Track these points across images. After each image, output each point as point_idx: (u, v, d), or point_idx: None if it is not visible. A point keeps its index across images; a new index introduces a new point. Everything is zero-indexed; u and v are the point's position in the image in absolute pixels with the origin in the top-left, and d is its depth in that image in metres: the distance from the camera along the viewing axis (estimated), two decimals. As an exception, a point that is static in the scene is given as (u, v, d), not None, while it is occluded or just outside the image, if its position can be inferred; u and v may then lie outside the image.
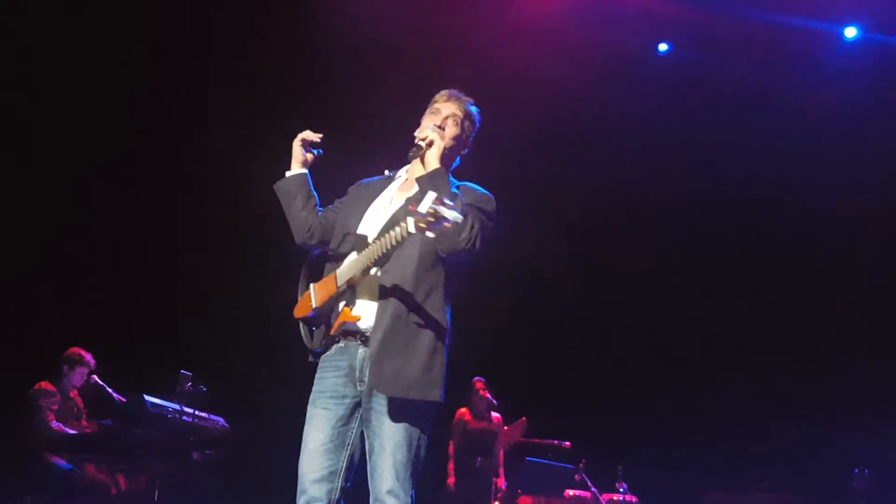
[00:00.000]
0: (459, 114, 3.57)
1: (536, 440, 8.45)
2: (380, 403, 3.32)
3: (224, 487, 7.42)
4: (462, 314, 3.76)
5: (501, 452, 8.18)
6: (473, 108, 3.63)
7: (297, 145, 3.69)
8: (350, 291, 3.36)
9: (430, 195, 2.95)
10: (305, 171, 3.70)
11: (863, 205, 8.89)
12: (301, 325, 3.56)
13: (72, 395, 7.02)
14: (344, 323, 3.37)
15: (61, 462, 6.68)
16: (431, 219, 2.90)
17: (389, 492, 3.27)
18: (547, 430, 8.46)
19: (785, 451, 8.74)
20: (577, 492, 7.96)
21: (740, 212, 9.36)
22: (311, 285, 3.51)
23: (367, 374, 3.33)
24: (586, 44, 8.79)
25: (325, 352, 3.49)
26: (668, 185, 9.34)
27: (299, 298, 3.57)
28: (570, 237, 9.27)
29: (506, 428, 8.27)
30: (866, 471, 7.99)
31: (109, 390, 6.89)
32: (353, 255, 3.37)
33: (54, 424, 6.72)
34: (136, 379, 7.02)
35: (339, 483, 3.37)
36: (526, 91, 8.77)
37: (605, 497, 7.89)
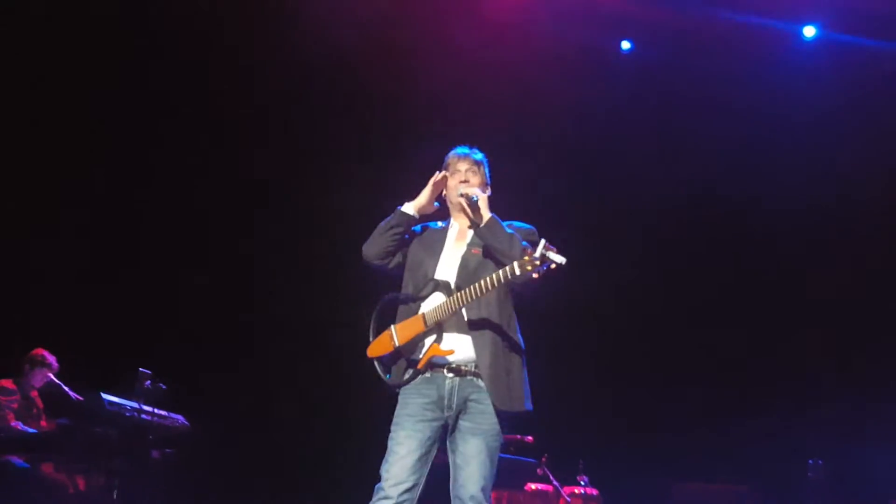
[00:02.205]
0: (473, 165, 4.12)
1: (498, 435, 8.47)
2: (464, 427, 3.85)
3: (184, 486, 7.37)
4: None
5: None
6: (480, 155, 4.18)
7: (431, 190, 4.06)
8: (437, 329, 3.84)
9: (542, 241, 3.46)
10: (417, 216, 4.07)
11: (821, 202, 9.00)
12: (375, 363, 3.98)
13: (32, 395, 6.93)
14: (433, 357, 3.84)
15: (18, 461, 6.58)
16: (538, 262, 3.44)
17: (472, 498, 3.78)
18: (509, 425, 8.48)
19: (741, 443, 8.84)
20: (539, 485, 8.00)
21: (700, 208, 9.42)
22: (393, 326, 3.95)
23: (455, 400, 3.85)
24: (549, 41, 8.81)
25: (407, 384, 3.92)
26: (629, 182, 9.37)
27: (371, 340, 3.98)
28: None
29: (468, 424, 8.27)
30: (820, 462, 8.11)
31: (66, 389, 6.81)
32: (440, 298, 3.84)
33: (13, 423, 6.62)
34: (94, 377, 6.93)
35: (417, 493, 3.84)
36: (488, 88, 8.77)
37: (566, 490, 7.93)
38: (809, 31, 8.91)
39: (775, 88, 8.92)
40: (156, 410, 6.74)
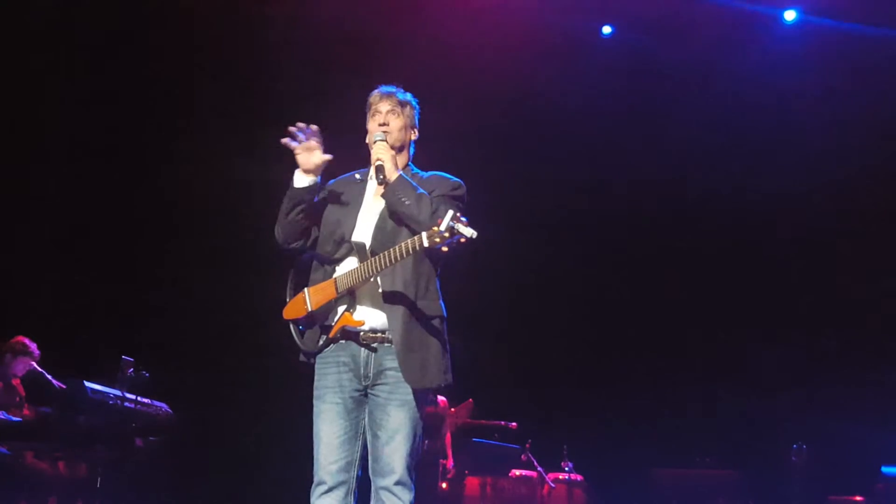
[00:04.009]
0: (396, 106, 3.79)
1: (483, 421, 8.49)
2: (383, 398, 3.59)
3: (168, 474, 7.35)
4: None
5: (448, 435, 8.20)
6: (407, 95, 3.85)
7: (306, 156, 3.65)
8: (350, 297, 3.60)
9: (450, 213, 3.17)
10: (318, 178, 3.71)
11: (802, 188, 9.03)
12: (291, 325, 3.74)
13: (14, 383, 6.90)
14: (344, 326, 3.60)
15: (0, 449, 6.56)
16: (447, 234, 3.17)
17: (398, 482, 3.53)
18: (493, 411, 8.51)
19: (725, 427, 8.88)
20: (524, 472, 8.02)
21: (681, 194, 9.43)
22: (306, 289, 3.68)
23: (371, 370, 3.60)
24: (530, 26, 8.78)
25: (320, 352, 3.68)
26: (610, 167, 9.38)
27: (288, 300, 3.72)
28: (508, 218, 9.25)
29: (452, 410, 8.29)
30: (804, 446, 8.16)
31: (48, 377, 6.77)
32: (354, 263, 3.59)
33: (-6, 411, 6.60)
34: (77, 365, 6.91)
35: (354, 472, 3.61)
36: (469, 75, 8.73)
37: (550, 476, 7.96)
38: (790, 15, 8.94)
39: (756, 73, 8.92)
40: (139, 398, 6.72)
